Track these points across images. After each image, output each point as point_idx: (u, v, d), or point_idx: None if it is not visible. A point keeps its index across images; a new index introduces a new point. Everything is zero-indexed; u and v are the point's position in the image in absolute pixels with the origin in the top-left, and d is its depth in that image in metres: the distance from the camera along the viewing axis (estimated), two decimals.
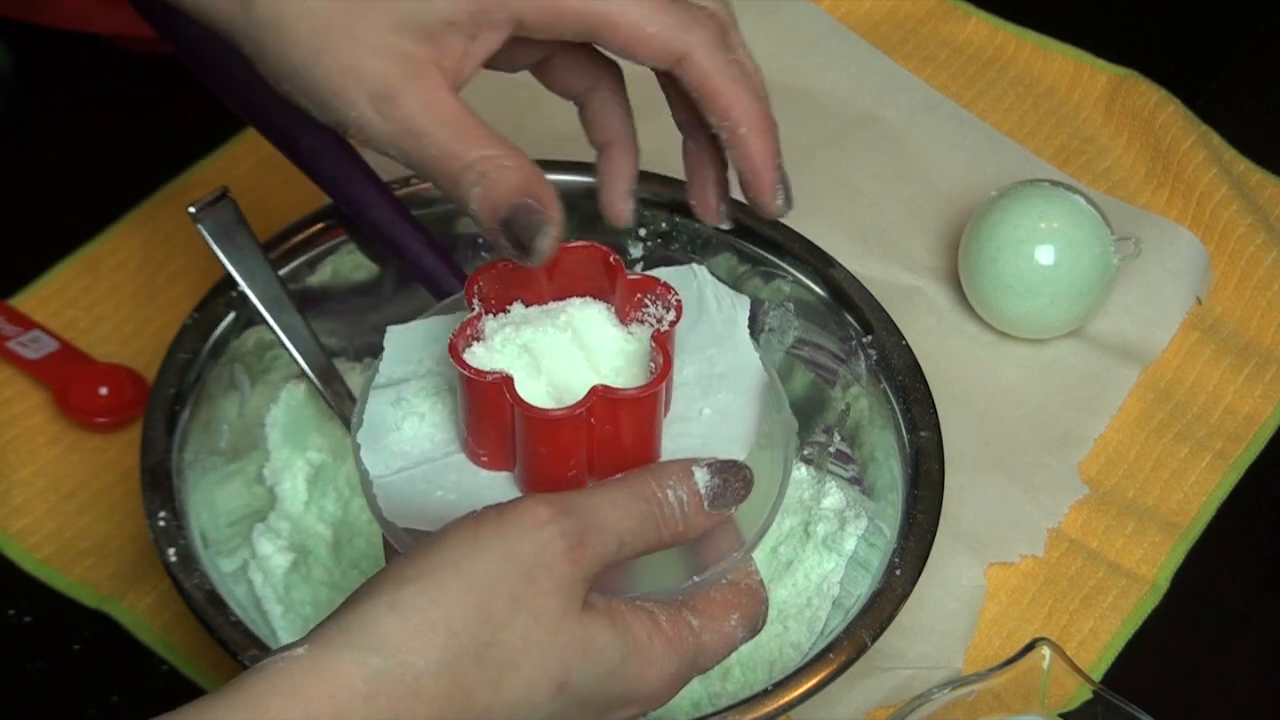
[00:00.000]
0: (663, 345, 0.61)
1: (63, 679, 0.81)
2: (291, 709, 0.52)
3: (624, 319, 0.64)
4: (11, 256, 0.96)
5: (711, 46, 0.64)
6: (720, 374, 0.66)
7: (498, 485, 0.62)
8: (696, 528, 0.60)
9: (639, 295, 0.63)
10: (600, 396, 0.60)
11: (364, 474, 0.63)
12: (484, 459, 0.63)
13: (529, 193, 0.60)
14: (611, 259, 0.63)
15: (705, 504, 0.60)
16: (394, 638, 0.54)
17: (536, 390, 0.62)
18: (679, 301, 0.63)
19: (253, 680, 0.53)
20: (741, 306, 0.68)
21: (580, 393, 0.60)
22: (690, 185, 0.69)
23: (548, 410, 0.60)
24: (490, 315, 0.63)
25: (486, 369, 0.60)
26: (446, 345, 0.61)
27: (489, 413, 0.61)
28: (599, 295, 0.64)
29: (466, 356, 0.61)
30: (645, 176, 0.74)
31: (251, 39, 0.62)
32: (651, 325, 0.63)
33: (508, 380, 0.60)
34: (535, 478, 0.61)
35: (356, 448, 0.64)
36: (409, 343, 0.66)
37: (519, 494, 0.62)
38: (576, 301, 0.64)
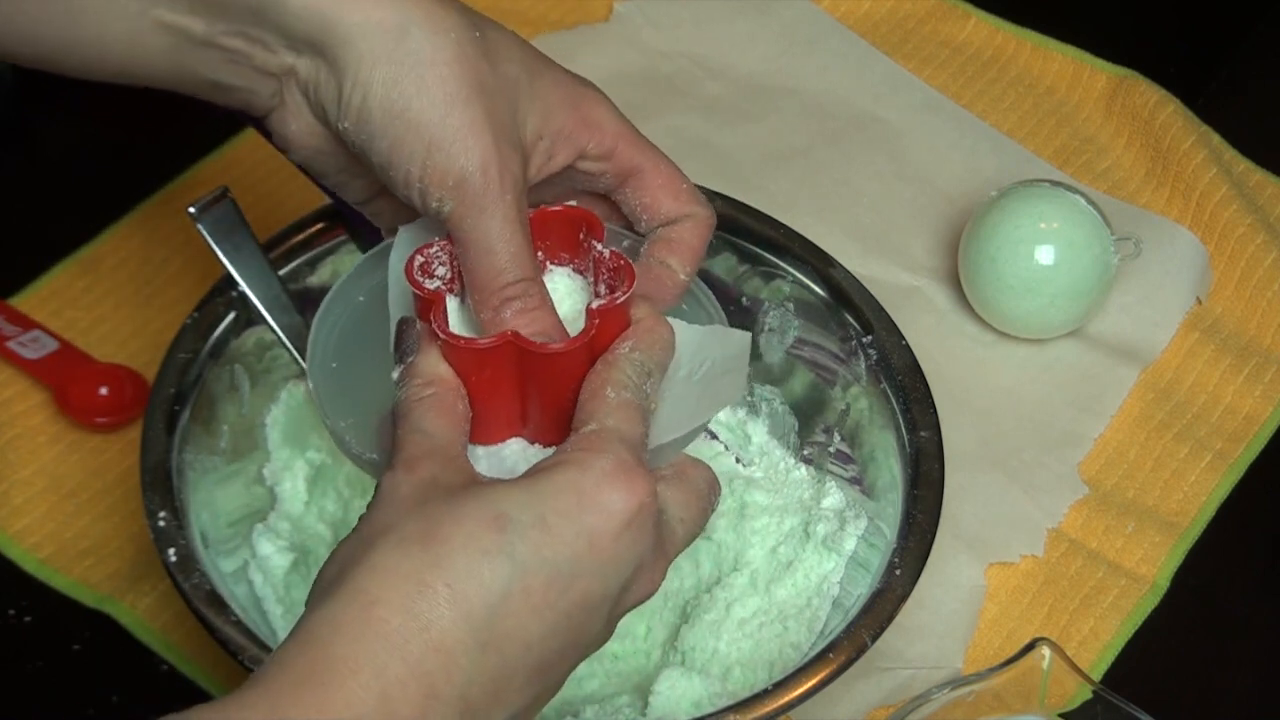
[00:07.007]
0: (617, 258, 0.62)
1: (63, 679, 0.81)
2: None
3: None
4: (11, 256, 0.96)
5: (710, 228, 0.68)
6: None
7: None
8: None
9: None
10: (601, 311, 0.60)
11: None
12: (492, 438, 0.62)
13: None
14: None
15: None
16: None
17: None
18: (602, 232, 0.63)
19: None
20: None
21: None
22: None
23: (560, 344, 0.59)
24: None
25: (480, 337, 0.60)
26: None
27: (499, 380, 0.60)
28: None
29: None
30: None
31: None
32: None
33: (514, 335, 0.59)
34: (555, 417, 0.61)
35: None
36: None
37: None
38: None
